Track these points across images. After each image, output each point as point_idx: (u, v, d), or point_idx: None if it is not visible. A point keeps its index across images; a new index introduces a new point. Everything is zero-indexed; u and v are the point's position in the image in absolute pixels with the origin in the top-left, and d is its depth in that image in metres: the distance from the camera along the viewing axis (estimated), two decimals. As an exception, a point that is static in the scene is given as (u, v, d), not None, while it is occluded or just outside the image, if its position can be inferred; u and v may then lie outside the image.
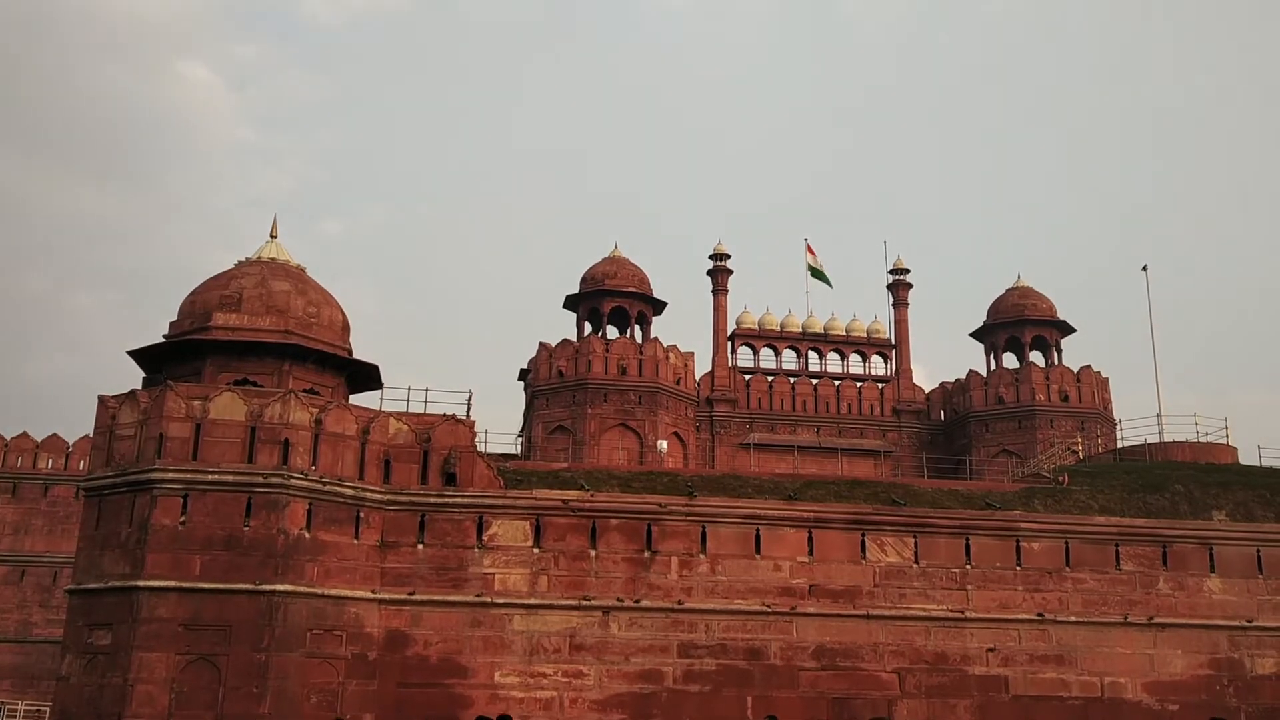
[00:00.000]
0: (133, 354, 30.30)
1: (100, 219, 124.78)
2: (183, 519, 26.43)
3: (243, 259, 31.87)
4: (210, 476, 26.80)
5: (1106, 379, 55.40)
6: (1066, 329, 56.76)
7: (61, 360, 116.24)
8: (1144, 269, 48.04)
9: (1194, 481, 34.21)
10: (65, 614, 28.89)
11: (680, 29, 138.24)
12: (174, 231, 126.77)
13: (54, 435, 56.35)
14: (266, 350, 29.61)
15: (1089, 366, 54.77)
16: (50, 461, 55.86)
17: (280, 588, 26.35)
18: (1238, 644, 31.27)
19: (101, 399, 28.61)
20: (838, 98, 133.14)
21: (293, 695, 26.08)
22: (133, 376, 31.95)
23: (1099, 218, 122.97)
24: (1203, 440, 39.20)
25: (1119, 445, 43.35)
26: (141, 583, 25.84)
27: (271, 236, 32.65)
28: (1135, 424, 63.84)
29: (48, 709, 36.03)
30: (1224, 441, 39.23)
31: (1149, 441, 39.42)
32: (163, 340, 30.15)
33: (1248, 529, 32.43)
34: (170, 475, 26.61)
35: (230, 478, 26.86)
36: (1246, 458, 38.25)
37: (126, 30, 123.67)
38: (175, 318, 30.69)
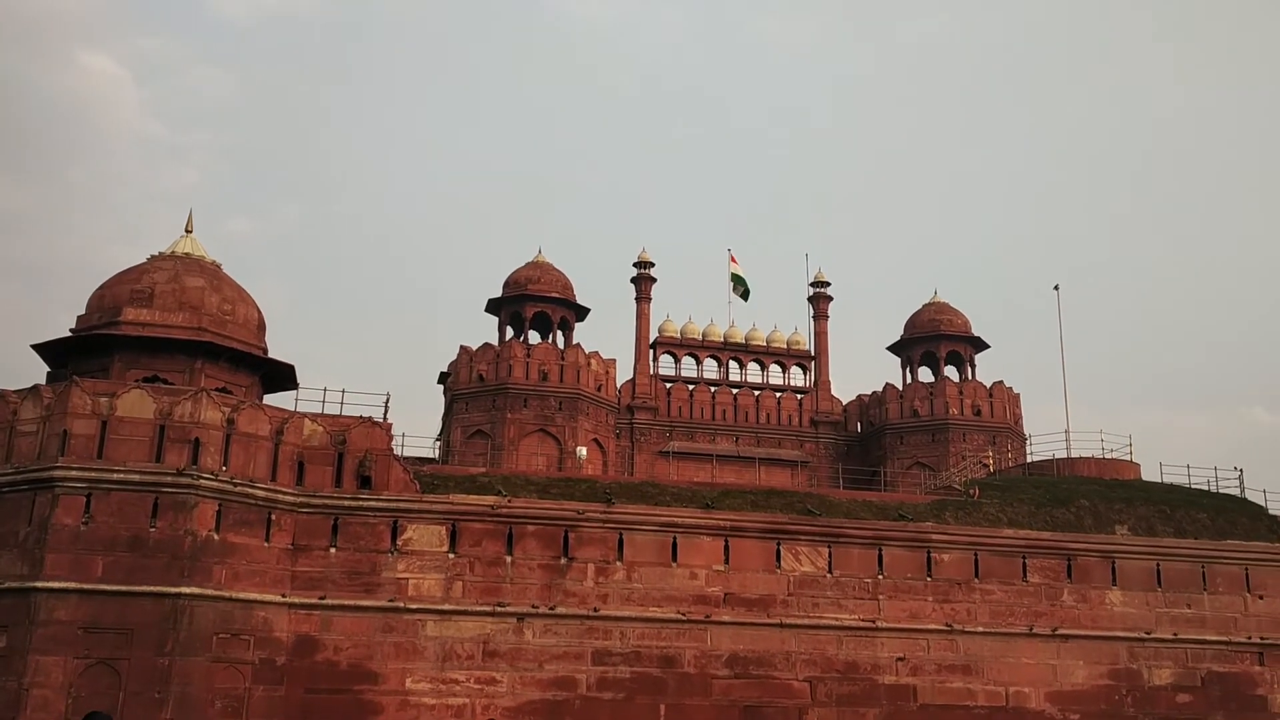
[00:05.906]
0: (37, 348, 29.45)
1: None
2: (85, 519, 25.70)
3: (155, 253, 31.11)
4: (115, 475, 26.10)
5: (1018, 395, 56.55)
6: (980, 345, 57.82)
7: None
8: (1055, 288, 49.20)
9: (1099, 496, 35.14)
10: (-42, 615, 27.83)
11: (602, 36, 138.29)
12: (77, 225, 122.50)
13: (-49, 430, 54.36)
14: (178, 347, 28.97)
15: (1001, 382, 55.87)
16: (-54, 457, 53.82)
17: (186, 590, 25.75)
18: (1136, 655, 32.19)
19: (2, 393, 27.67)
20: (762, 112, 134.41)
21: (196, 701, 25.48)
22: (36, 371, 31.04)
23: (1014, 237, 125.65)
24: (1108, 457, 40.25)
25: (1028, 460, 44.35)
26: (40, 584, 25.07)
27: (186, 231, 31.96)
28: (1044, 439, 65.38)
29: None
30: (1128, 458, 40.34)
31: (1057, 457, 40.38)
32: (69, 334, 29.32)
33: (1148, 543, 33.42)
34: (73, 474, 25.88)
35: (136, 477, 26.20)
36: (1149, 474, 39.36)
37: (26, 17, 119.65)
38: (82, 311, 29.86)
